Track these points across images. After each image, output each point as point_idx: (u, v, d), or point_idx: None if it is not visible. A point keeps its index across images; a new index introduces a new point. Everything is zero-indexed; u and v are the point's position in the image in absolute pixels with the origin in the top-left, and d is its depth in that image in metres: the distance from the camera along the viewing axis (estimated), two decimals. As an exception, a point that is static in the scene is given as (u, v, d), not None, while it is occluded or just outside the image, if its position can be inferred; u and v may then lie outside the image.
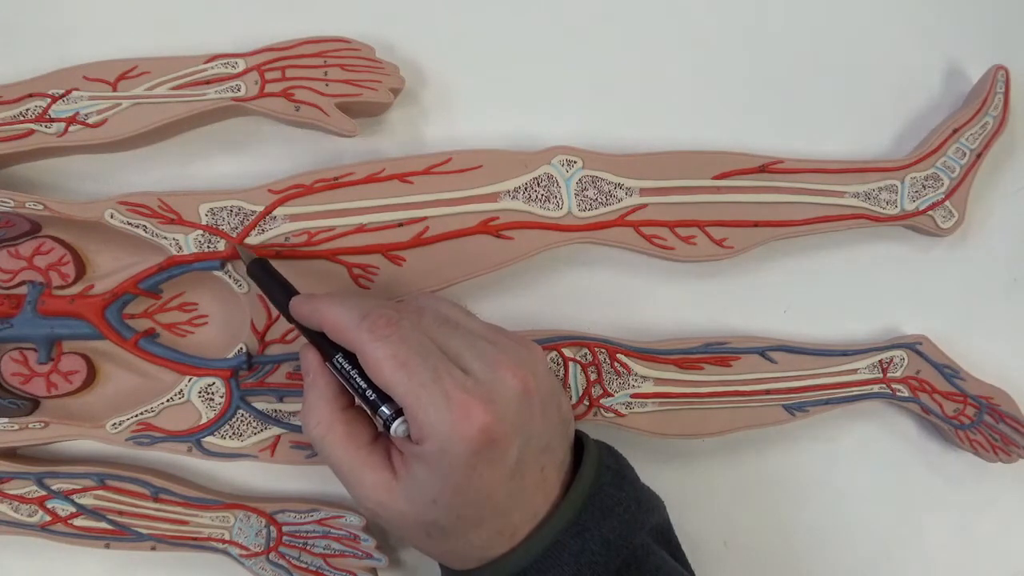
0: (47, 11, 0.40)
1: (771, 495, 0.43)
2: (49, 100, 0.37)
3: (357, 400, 0.31)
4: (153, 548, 0.38)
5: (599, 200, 0.39)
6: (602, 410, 0.39)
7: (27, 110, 0.37)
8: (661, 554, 0.32)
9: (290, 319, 0.32)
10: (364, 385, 0.29)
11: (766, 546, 0.43)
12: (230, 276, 0.37)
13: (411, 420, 0.28)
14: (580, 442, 0.34)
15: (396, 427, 0.29)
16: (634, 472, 0.34)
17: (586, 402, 0.39)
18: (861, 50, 0.44)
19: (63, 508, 0.37)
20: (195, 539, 0.38)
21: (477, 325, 0.32)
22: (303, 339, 0.32)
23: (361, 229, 0.37)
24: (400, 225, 0.37)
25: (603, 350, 0.39)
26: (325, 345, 0.31)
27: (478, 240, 0.38)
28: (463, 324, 0.31)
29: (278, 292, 0.34)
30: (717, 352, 0.40)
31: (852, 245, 0.43)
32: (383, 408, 0.29)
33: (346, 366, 0.30)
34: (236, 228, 0.37)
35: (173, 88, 0.37)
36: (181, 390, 0.37)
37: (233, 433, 0.37)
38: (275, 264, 0.37)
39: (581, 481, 0.31)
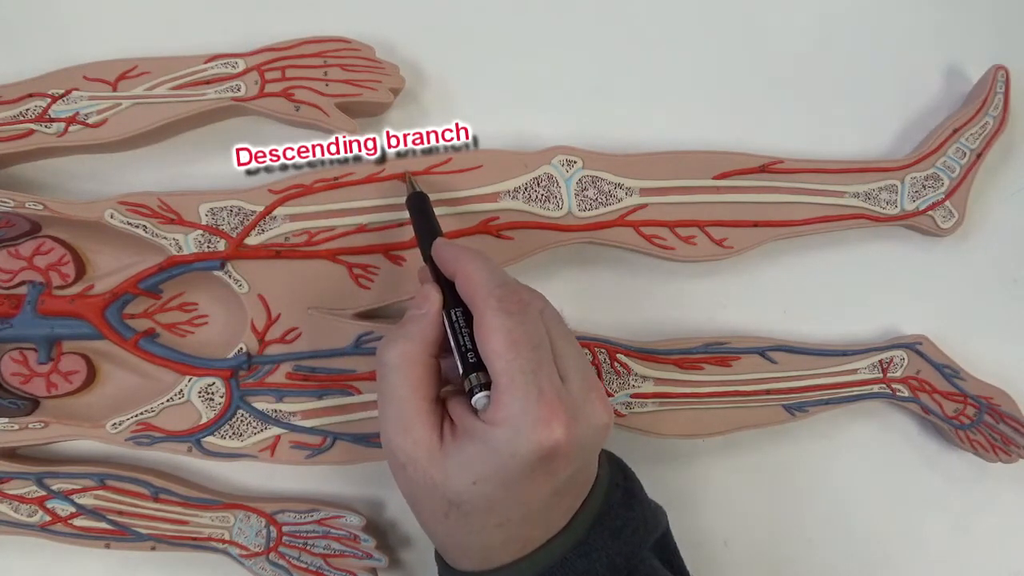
0: (47, 11, 0.40)
1: (771, 495, 0.43)
2: (49, 100, 0.37)
3: (456, 356, 0.30)
4: (153, 548, 0.38)
5: (599, 200, 0.39)
6: (602, 410, 0.39)
7: (27, 110, 0.37)
8: (653, 563, 0.32)
9: (425, 258, 0.33)
10: (470, 345, 0.29)
11: (766, 546, 0.43)
12: (230, 276, 0.37)
13: (496, 399, 0.28)
14: None
15: (479, 397, 0.28)
16: (641, 487, 0.34)
17: (586, 402, 0.39)
18: (862, 50, 0.44)
19: (63, 508, 0.37)
20: (195, 539, 0.38)
21: (575, 341, 0.32)
22: (427, 274, 0.32)
23: (361, 229, 0.37)
24: (400, 225, 0.37)
25: (603, 350, 0.39)
26: (449, 294, 0.31)
27: (478, 240, 0.38)
28: (569, 334, 0.31)
29: (425, 229, 0.34)
30: (717, 352, 0.40)
31: (852, 245, 0.43)
32: (478, 374, 0.29)
33: (461, 321, 0.30)
34: (236, 228, 0.37)
35: (173, 88, 0.37)
36: (181, 390, 0.37)
37: (233, 433, 0.37)
38: (274, 264, 0.37)
39: (592, 500, 0.31)
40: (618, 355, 0.39)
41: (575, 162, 0.39)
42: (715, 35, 0.43)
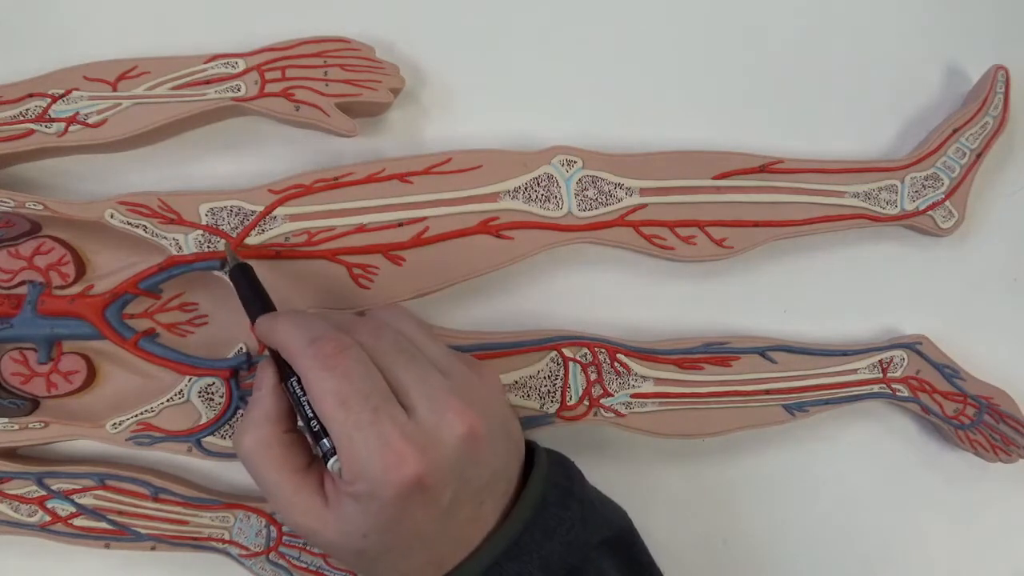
0: (47, 11, 0.40)
1: (771, 495, 0.43)
2: (49, 100, 0.37)
3: (300, 423, 0.30)
4: (153, 548, 0.38)
5: (599, 200, 0.39)
6: (602, 410, 0.39)
7: (27, 110, 0.37)
8: (601, 564, 0.31)
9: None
10: (311, 415, 0.29)
11: (766, 546, 0.43)
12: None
13: (343, 460, 0.28)
14: (533, 454, 0.33)
15: (332, 463, 0.28)
16: (585, 488, 0.33)
17: (586, 402, 0.39)
18: (861, 50, 0.44)
19: (63, 508, 0.37)
20: (195, 539, 0.38)
21: (434, 350, 0.31)
22: (266, 352, 0.32)
23: (361, 229, 0.37)
24: (400, 225, 0.37)
25: (603, 350, 0.39)
26: (283, 365, 0.30)
27: (478, 240, 0.38)
28: (421, 348, 0.30)
29: (255, 304, 0.33)
30: (717, 352, 0.40)
31: (852, 245, 0.43)
32: (324, 441, 0.28)
33: (298, 392, 0.29)
34: (236, 228, 0.37)
35: (173, 88, 0.37)
36: (181, 390, 0.37)
37: (233, 433, 0.37)
38: (274, 264, 0.37)
39: (524, 504, 0.30)
40: (618, 355, 0.39)
41: (575, 162, 0.39)
42: (715, 35, 0.43)
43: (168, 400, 0.37)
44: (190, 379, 0.37)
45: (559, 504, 0.31)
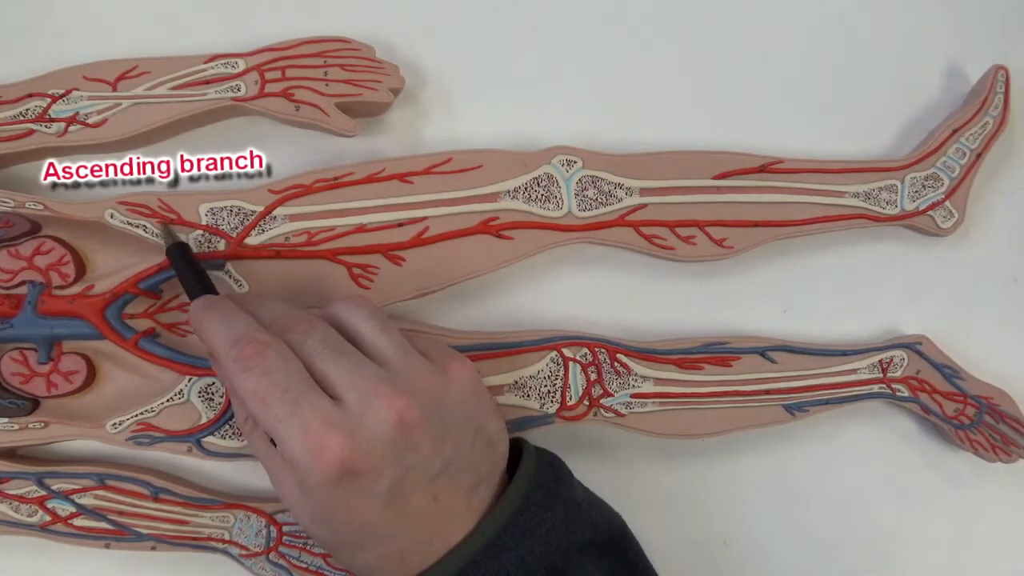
0: (47, 11, 0.40)
1: (771, 495, 0.43)
2: (49, 100, 0.37)
3: None
4: (153, 548, 0.38)
5: (599, 200, 0.39)
6: (602, 410, 0.39)
7: (27, 110, 0.37)
8: (586, 567, 0.31)
9: None
10: None
11: (766, 546, 0.43)
12: (230, 276, 0.37)
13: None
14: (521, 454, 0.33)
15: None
16: (572, 489, 0.33)
17: (586, 402, 0.39)
18: (861, 50, 0.44)
19: (63, 508, 0.37)
20: (195, 539, 0.38)
21: (379, 342, 0.30)
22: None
23: (361, 229, 0.37)
24: (400, 225, 0.37)
25: (603, 350, 0.39)
26: None
27: (478, 240, 0.38)
28: (361, 340, 0.30)
29: (193, 286, 0.33)
30: (717, 352, 0.40)
31: (852, 245, 0.43)
32: None
33: None
34: (236, 228, 0.37)
35: (173, 88, 0.37)
36: (181, 390, 0.37)
37: (233, 433, 0.37)
38: (274, 264, 0.37)
39: (505, 502, 0.30)
40: (618, 355, 0.39)
41: (575, 162, 0.39)
42: (715, 35, 0.43)
43: (168, 400, 0.37)
44: (190, 379, 0.37)
45: (542, 505, 0.31)
